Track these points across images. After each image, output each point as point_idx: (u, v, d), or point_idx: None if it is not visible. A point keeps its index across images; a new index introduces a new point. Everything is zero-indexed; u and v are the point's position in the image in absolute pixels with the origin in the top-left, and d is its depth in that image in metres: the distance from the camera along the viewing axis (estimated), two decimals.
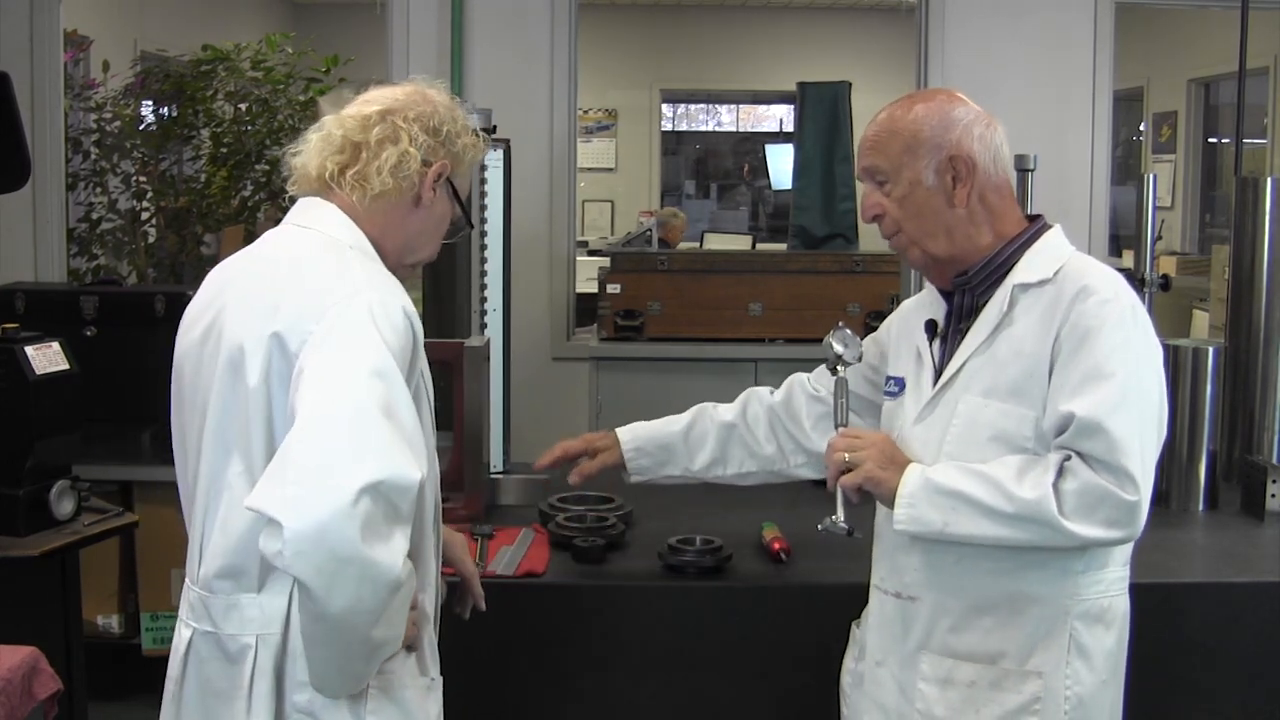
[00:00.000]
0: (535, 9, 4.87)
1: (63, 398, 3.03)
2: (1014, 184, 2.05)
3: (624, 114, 11.25)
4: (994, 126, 1.99)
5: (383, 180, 1.82)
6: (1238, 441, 3.17)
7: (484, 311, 3.00)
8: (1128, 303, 1.89)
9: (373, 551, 1.53)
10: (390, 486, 1.55)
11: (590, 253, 7.73)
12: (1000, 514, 1.83)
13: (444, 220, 1.92)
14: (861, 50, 10.11)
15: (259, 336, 1.70)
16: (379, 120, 1.84)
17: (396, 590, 1.60)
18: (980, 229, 1.97)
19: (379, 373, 1.63)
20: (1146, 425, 1.85)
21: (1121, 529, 1.83)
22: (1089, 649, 1.91)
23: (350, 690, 1.73)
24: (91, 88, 5.91)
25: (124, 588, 4.20)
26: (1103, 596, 1.92)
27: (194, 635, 1.79)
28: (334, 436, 1.56)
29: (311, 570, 1.53)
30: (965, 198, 1.96)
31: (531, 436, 4.05)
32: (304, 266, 1.77)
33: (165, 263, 5.89)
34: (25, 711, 2.24)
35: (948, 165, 1.95)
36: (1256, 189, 3.18)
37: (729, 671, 2.40)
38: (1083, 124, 4.99)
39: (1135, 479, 1.80)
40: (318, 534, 1.51)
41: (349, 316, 1.67)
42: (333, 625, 1.61)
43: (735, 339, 4.78)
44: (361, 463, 1.54)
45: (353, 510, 1.51)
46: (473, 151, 1.92)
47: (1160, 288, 3.19)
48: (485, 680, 2.38)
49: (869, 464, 1.93)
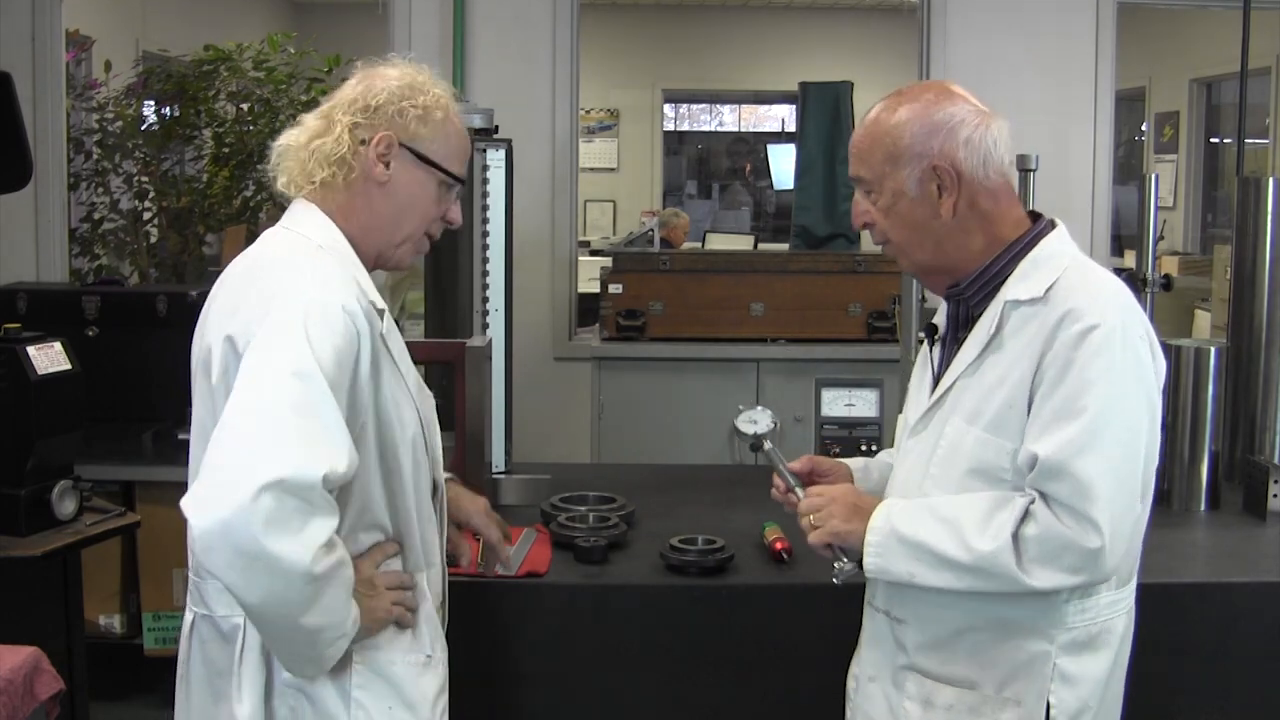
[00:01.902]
0: (537, 9, 4.87)
1: (64, 398, 3.03)
2: (1014, 181, 1.95)
3: (626, 114, 11.25)
4: (986, 125, 1.87)
5: (319, 170, 1.86)
6: (1239, 441, 3.17)
7: (486, 311, 2.99)
8: (1116, 324, 1.78)
9: (276, 546, 1.59)
10: (292, 483, 1.60)
11: (592, 253, 7.73)
12: (960, 566, 1.82)
13: (422, 188, 1.91)
14: (863, 50, 10.11)
15: (219, 338, 1.77)
16: (318, 118, 1.90)
17: (315, 580, 1.65)
18: (972, 236, 1.89)
19: (298, 373, 1.67)
20: (1122, 463, 1.78)
21: (1084, 575, 1.78)
22: (1075, 676, 1.85)
23: (316, 671, 1.79)
24: (93, 88, 5.91)
25: (125, 588, 4.20)
26: (1091, 624, 1.86)
27: (195, 619, 1.90)
28: (241, 437, 1.64)
29: (222, 565, 1.61)
30: (952, 208, 1.87)
31: (533, 436, 4.07)
32: (263, 269, 1.84)
33: (167, 263, 5.89)
34: (27, 711, 2.24)
35: (931, 175, 1.86)
36: (1258, 189, 3.18)
37: (730, 671, 2.40)
38: (1084, 124, 4.99)
39: (1099, 525, 1.75)
40: (221, 531, 1.59)
41: (280, 319, 1.71)
42: (257, 616, 1.70)
43: (737, 339, 4.78)
44: (263, 461, 1.60)
45: (253, 506, 1.58)
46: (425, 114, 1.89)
47: (1162, 288, 3.18)
48: (485, 680, 2.38)
49: (833, 520, 1.94)
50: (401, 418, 1.86)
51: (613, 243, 8.78)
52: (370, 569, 1.84)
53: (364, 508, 1.83)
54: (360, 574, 1.80)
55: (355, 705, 1.82)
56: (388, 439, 1.84)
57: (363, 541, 1.85)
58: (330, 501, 1.66)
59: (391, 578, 1.87)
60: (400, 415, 1.86)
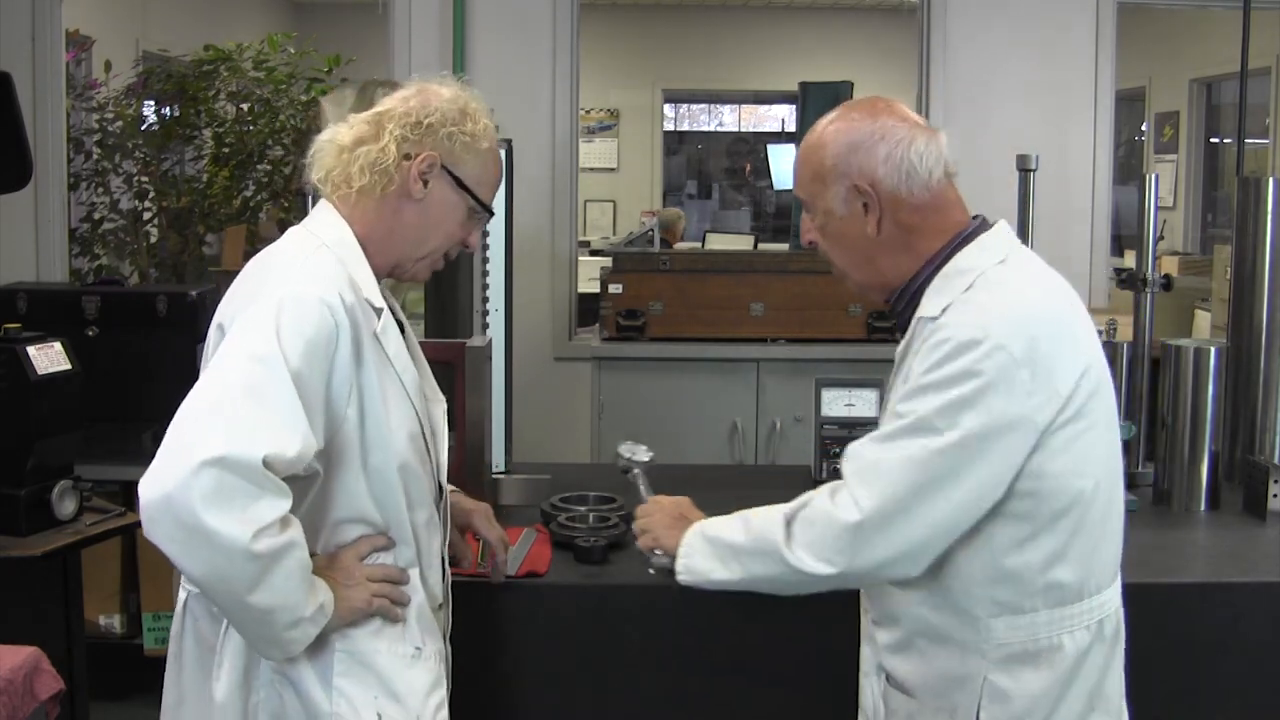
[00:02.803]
0: (537, 9, 4.87)
1: (64, 398, 3.03)
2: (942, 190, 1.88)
3: (626, 114, 11.26)
4: (910, 141, 1.85)
5: (360, 176, 1.89)
6: (1239, 442, 3.17)
7: (486, 311, 2.99)
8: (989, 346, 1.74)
9: (215, 521, 1.63)
10: (232, 461, 1.64)
11: (592, 253, 7.73)
12: (742, 551, 1.89)
13: (453, 211, 1.94)
14: (863, 50, 10.11)
15: (215, 327, 1.84)
16: (367, 122, 1.92)
17: (256, 558, 1.67)
18: (901, 252, 1.89)
19: (258, 357, 1.72)
20: (934, 464, 1.75)
21: (843, 558, 1.77)
22: (1008, 693, 1.82)
23: (280, 654, 1.81)
24: (93, 88, 5.92)
25: (125, 588, 4.20)
26: (1029, 641, 1.82)
27: (188, 596, 1.93)
28: (192, 415, 1.69)
29: (164, 538, 1.65)
30: (876, 225, 1.87)
31: (533, 436, 4.07)
32: (264, 264, 1.89)
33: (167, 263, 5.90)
34: (27, 711, 2.24)
35: (855, 193, 1.87)
36: (1258, 189, 3.18)
37: (730, 672, 2.40)
38: (1084, 124, 4.99)
39: (861, 502, 1.75)
40: (164, 503, 1.63)
41: (257, 309, 1.76)
42: (204, 591, 1.74)
43: (737, 339, 4.78)
44: (206, 438, 1.65)
45: (192, 481, 1.62)
46: (472, 140, 1.92)
47: (1162, 288, 3.18)
48: (486, 680, 2.38)
49: (655, 529, 2.11)
50: (390, 415, 1.86)
51: (613, 243, 8.78)
52: (351, 559, 1.86)
53: (347, 500, 1.86)
54: (339, 563, 1.85)
55: (337, 693, 1.84)
56: (373, 434, 1.85)
57: (347, 533, 1.88)
58: (278, 484, 1.68)
59: (377, 570, 1.89)
60: (389, 412, 1.86)
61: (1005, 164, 3.27)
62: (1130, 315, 3.25)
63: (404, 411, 1.90)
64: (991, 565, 1.81)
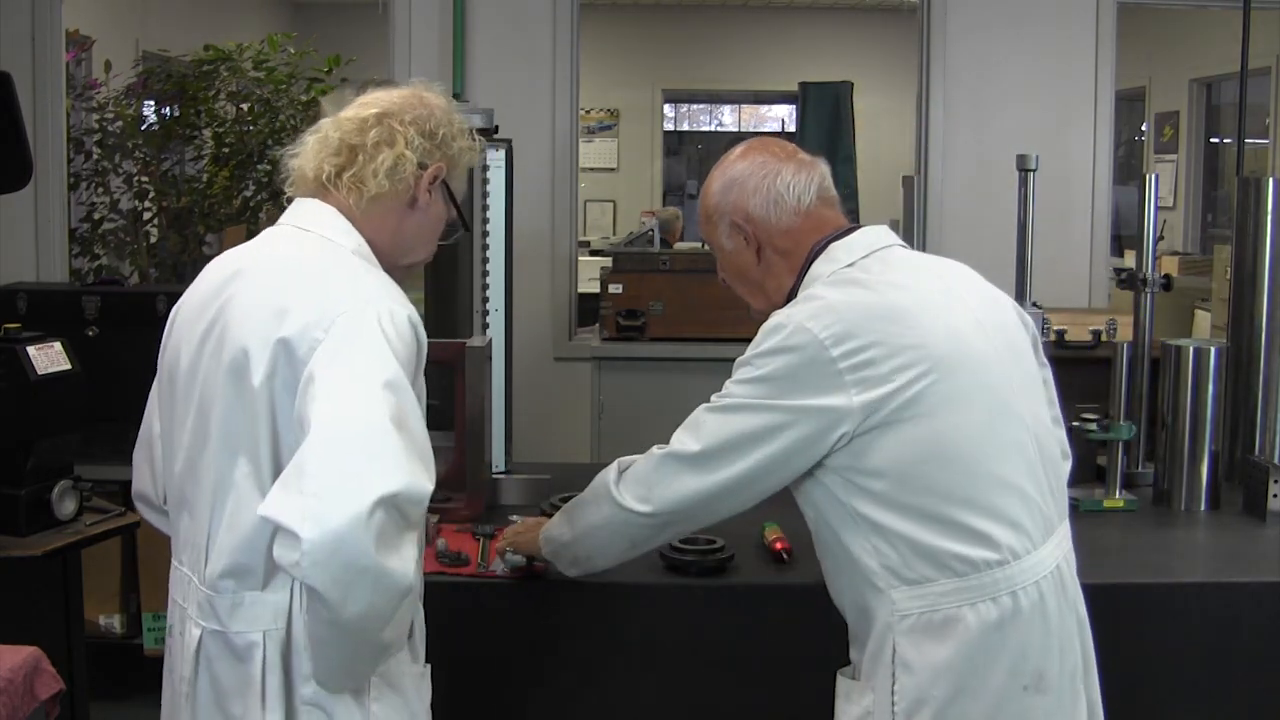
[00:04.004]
0: (537, 9, 4.87)
1: (64, 398, 3.03)
2: (815, 213, 2.06)
3: (626, 114, 11.25)
4: (775, 173, 2.04)
5: (379, 183, 1.85)
6: (1240, 442, 3.17)
7: (486, 311, 2.99)
8: (793, 324, 1.91)
9: (387, 561, 1.58)
10: (405, 498, 1.59)
11: (592, 253, 7.73)
12: (581, 501, 2.12)
13: (439, 222, 1.96)
14: (863, 50, 10.11)
15: (264, 341, 1.72)
16: (376, 123, 1.87)
17: (407, 595, 1.65)
18: (784, 276, 2.06)
19: (390, 384, 1.66)
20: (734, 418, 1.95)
21: (649, 489, 2.00)
22: (912, 664, 1.87)
23: (354, 685, 1.76)
24: (93, 88, 5.91)
25: (126, 588, 4.20)
26: (931, 610, 1.86)
27: (203, 634, 1.80)
28: (349, 449, 1.60)
29: (328, 580, 1.57)
30: (756, 255, 2.06)
31: (533, 436, 4.06)
32: (313, 272, 1.79)
33: (167, 263, 5.89)
34: (27, 711, 2.24)
35: (735, 229, 2.06)
36: (1258, 189, 3.18)
37: (730, 671, 2.40)
38: (1084, 124, 4.99)
39: (679, 442, 2.00)
40: (335, 545, 1.54)
41: (360, 327, 1.69)
42: (345, 631, 1.64)
43: (737, 339, 4.74)
44: (377, 476, 1.57)
45: (369, 522, 1.55)
46: (469, 155, 1.96)
47: (1162, 288, 3.18)
48: (486, 680, 2.38)
49: (515, 535, 2.36)
50: None
51: (613, 243, 8.78)
52: None
53: None
54: None
55: (373, 717, 1.79)
56: None
57: None
58: (423, 517, 1.67)
59: None
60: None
61: (1005, 164, 3.27)
62: (1130, 315, 3.25)
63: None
64: (865, 537, 1.90)
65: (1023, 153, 3.14)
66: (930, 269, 2.06)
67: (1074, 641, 1.94)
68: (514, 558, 2.33)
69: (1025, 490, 1.90)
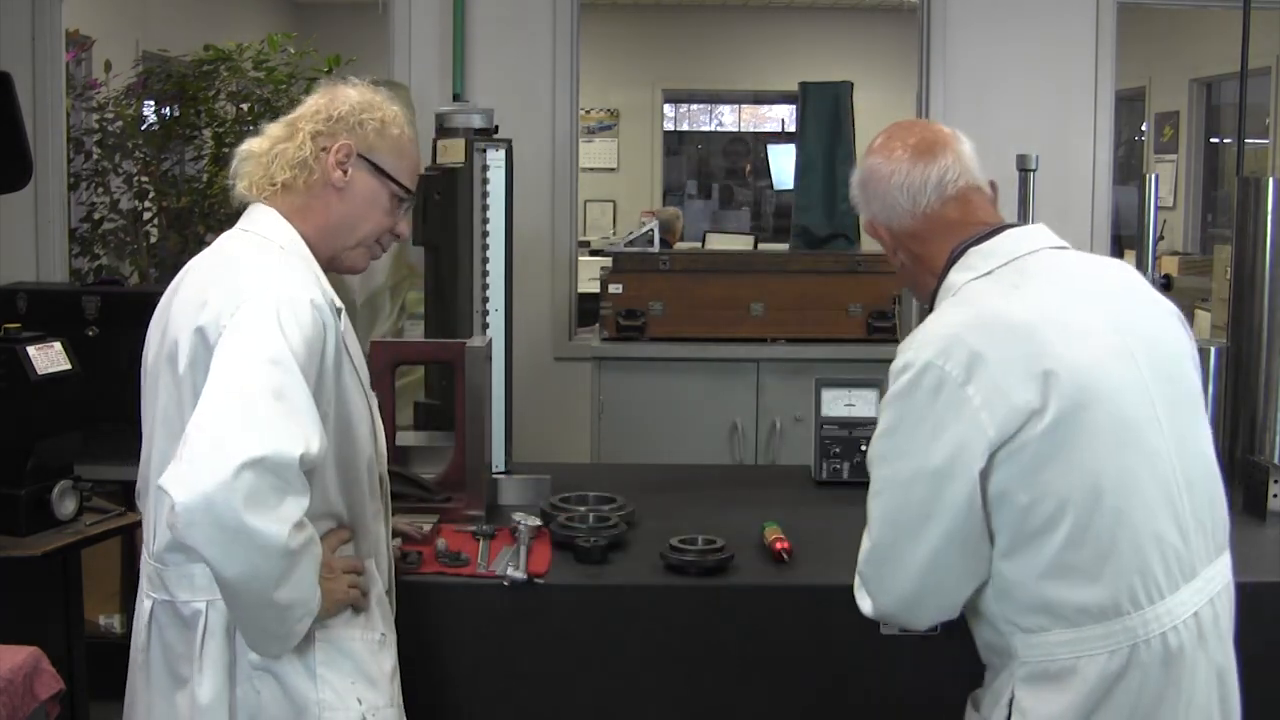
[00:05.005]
0: (537, 9, 4.87)
1: (64, 398, 3.03)
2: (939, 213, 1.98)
3: (626, 114, 11.26)
4: (889, 177, 1.98)
5: (281, 172, 1.99)
6: (1240, 442, 3.17)
7: (486, 311, 2.99)
8: (918, 367, 1.84)
9: (257, 521, 1.68)
10: (273, 461, 1.69)
11: (592, 253, 7.73)
12: None
13: (376, 196, 2.04)
14: (863, 50, 10.11)
15: (187, 330, 1.87)
16: (281, 126, 2.04)
17: (290, 555, 1.73)
18: (924, 276, 2.02)
19: (275, 360, 1.78)
20: None
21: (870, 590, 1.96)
22: (1030, 711, 1.83)
23: (280, 649, 1.87)
24: (93, 88, 5.91)
25: (125, 588, 4.20)
26: (1048, 660, 1.83)
27: (154, 605, 1.95)
28: (222, 416, 1.72)
29: (203, 540, 1.68)
30: (895, 255, 2.04)
31: (533, 436, 4.06)
32: (230, 266, 1.94)
33: (167, 263, 5.88)
34: (27, 711, 2.24)
35: (871, 227, 2.05)
36: (1258, 189, 3.17)
37: (730, 672, 2.40)
38: (1084, 124, 4.99)
39: (862, 548, 1.94)
40: (204, 506, 1.66)
41: (255, 311, 1.82)
42: (233, 590, 1.76)
43: (737, 339, 4.77)
44: (244, 439, 1.69)
45: (234, 483, 1.66)
46: (389, 129, 2.04)
47: (1162, 288, 3.18)
48: (485, 680, 2.38)
49: None
50: (357, 411, 1.98)
51: (613, 243, 8.78)
52: (328, 553, 1.92)
53: (322, 495, 1.92)
54: None
55: (322, 681, 1.90)
56: (345, 430, 1.95)
57: (319, 528, 1.91)
58: (304, 481, 1.75)
59: (345, 562, 1.97)
60: (355, 408, 1.97)
61: (1005, 164, 3.26)
62: None
63: (363, 408, 2.00)
64: (991, 581, 1.85)
65: (1023, 153, 3.14)
66: (1079, 276, 1.93)
67: (1207, 696, 1.88)
68: (515, 573, 2.34)
69: (1159, 532, 1.82)
